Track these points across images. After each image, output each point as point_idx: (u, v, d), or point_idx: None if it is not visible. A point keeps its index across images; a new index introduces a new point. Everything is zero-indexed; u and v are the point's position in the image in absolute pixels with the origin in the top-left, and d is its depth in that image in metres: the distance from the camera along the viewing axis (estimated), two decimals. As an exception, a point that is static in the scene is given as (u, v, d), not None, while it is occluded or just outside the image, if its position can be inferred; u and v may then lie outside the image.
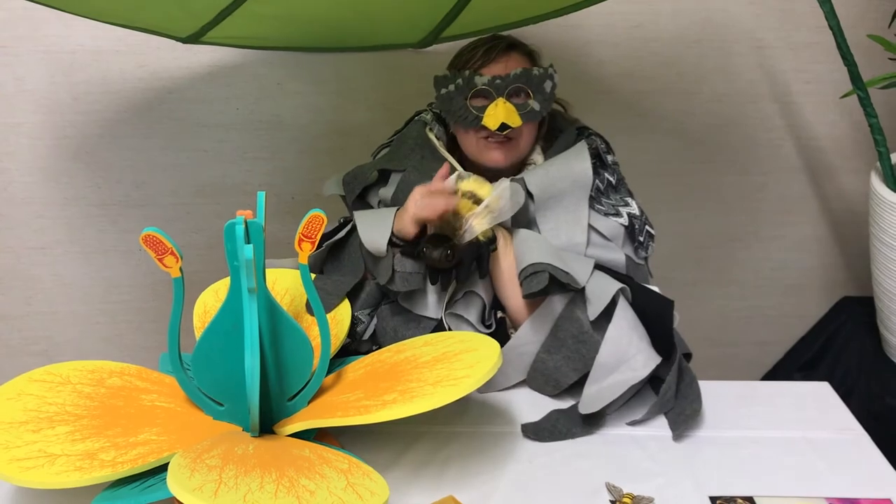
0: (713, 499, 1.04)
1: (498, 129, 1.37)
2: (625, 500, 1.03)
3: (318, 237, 1.06)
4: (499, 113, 1.37)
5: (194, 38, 1.74)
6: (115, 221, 2.18)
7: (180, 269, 1.01)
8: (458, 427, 1.19)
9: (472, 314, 1.34)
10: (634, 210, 1.42)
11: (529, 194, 1.38)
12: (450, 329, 1.33)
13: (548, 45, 2.03)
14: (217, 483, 0.87)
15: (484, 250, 1.31)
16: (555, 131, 1.51)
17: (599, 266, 1.32)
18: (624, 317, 1.24)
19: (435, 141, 1.50)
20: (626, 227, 1.39)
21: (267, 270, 1.08)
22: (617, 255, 1.38)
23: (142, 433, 1.03)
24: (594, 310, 1.25)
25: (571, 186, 1.39)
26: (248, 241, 1.01)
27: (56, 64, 2.01)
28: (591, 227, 1.37)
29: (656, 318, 1.27)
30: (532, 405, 1.25)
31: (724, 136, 2.16)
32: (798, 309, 2.33)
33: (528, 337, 1.29)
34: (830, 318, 2.21)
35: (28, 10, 1.92)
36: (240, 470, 0.91)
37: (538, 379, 1.29)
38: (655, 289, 1.36)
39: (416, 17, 1.75)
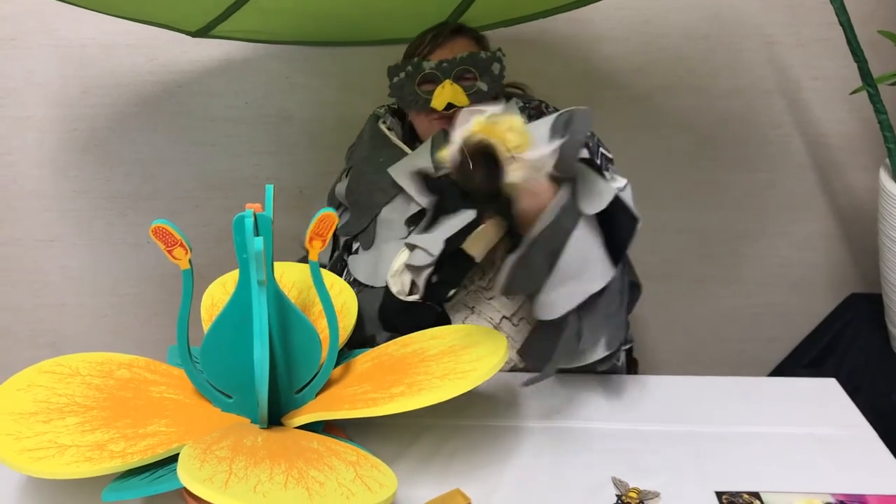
0: (719, 494, 1.04)
1: (444, 109, 1.42)
2: (631, 494, 1.04)
3: (329, 236, 1.06)
4: (445, 94, 1.42)
5: (203, 32, 1.75)
6: (124, 214, 2.19)
7: (189, 262, 1.02)
8: (464, 420, 1.19)
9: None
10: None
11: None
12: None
13: (556, 40, 2.04)
14: (227, 474, 0.88)
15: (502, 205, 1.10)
16: None
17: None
18: (590, 221, 1.16)
19: (386, 131, 1.54)
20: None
21: (275, 263, 1.08)
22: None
23: (151, 424, 1.04)
24: (593, 208, 1.16)
25: None
26: (256, 235, 1.01)
27: (66, 58, 2.01)
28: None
29: (622, 230, 1.19)
30: (539, 399, 1.25)
31: (733, 133, 2.15)
32: (805, 306, 2.32)
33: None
34: (838, 315, 2.20)
35: (39, 4, 1.93)
36: (249, 461, 0.92)
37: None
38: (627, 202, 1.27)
39: (425, 12, 1.75)
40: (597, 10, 1.88)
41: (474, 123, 1.02)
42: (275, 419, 1.10)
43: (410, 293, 1.33)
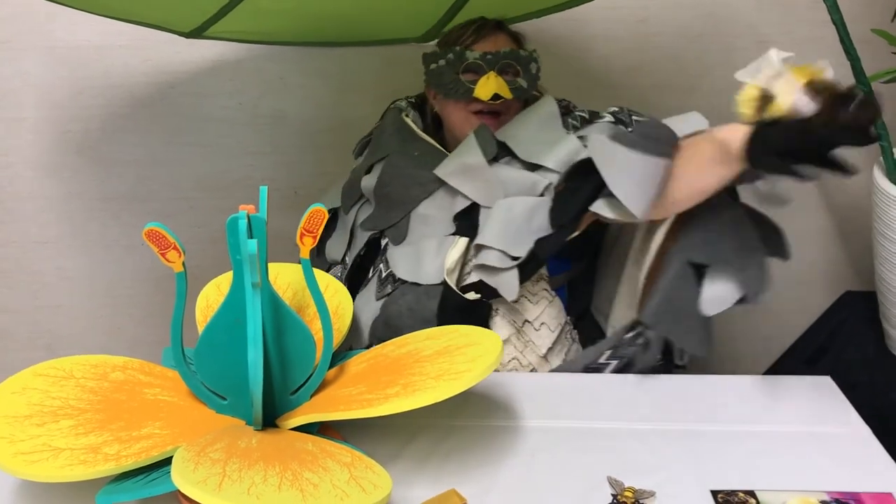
0: (714, 493, 1.04)
1: (491, 99, 1.42)
2: (626, 493, 1.04)
3: (320, 232, 1.06)
4: (491, 84, 1.42)
5: (197, 33, 1.74)
6: (118, 216, 2.19)
7: (183, 264, 1.02)
8: (460, 420, 1.19)
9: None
10: (612, 108, 1.47)
11: (506, 148, 1.42)
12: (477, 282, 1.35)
13: (551, 40, 2.03)
14: (221, 476, 0.88)
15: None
16: None
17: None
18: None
19: (411, 124, 1.53)
20: (613, 122, 1.43)
21: (269, 265, 1.08)
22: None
23: (145, 427, 1.04)
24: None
25: (538, 121, 1.45)
26: (250, 236, 1.01)
27: (60, 59, 2.01)
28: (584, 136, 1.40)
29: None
30: (534, 400, 1.25)
31: (727, 131, 2.15)
32: (800, 304, 2.32)
33: None
34: (833, 313, 2.20)
35: (33, 5, 1.93)
36: (243, 463, 0.92)
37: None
38: None
39: (420, 11, 1.76)
40: (591, 10, 1.88)
41: (793, 70, 1.03)
42: (269, 421, 1.10)
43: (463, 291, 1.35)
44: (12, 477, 1.03)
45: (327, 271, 1.56)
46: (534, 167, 1.40)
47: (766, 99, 1.07)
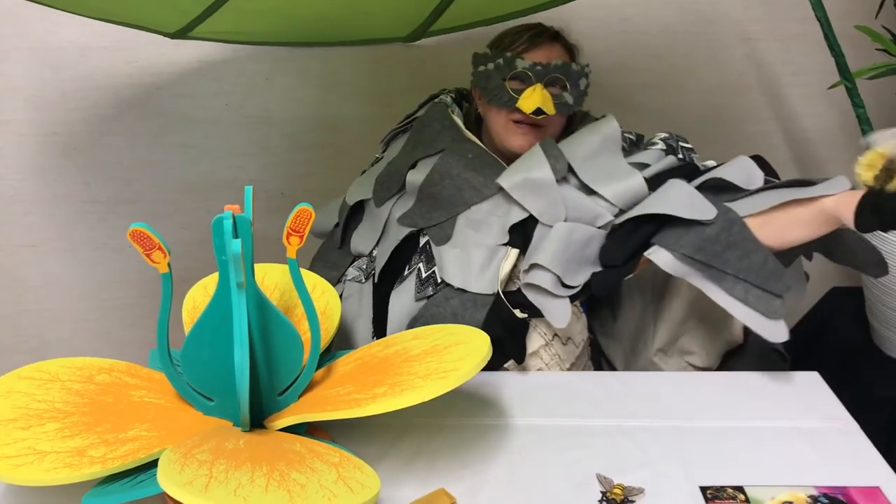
0: (703, 489, 1.04)
1: (533, 113, 1.39)
2: (615, 490, 1.04)
3: (307, 231, 1.05)
4: (535, 97, 1.39)
5: (182, 34, 1.74)
6: (105, 218, 2.18)
7: (168, 265, 1.01)
8: (448, 419, 1.19)
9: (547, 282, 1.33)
10: (662, 134, 1.46)
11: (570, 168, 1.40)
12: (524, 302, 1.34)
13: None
14: (207, 478, 0.87)
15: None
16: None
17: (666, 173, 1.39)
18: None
19: (459, 122, 1.51)
20: (664, 150, 1.42)
21: (256, 265, 1.08)
22: (671, 159, 1.42)
23: (132, 429, 1.03)
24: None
25: (602, 143, 1.42)
26: (236, 236, 1.00)
27: (43, 61, 2.00)
28: (640, 163, 1.40)
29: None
30: (522, 398, 1.25)
31: (713, 129, 2.16)
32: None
33: None
34: (820, 309, 2.21)
35: (15, 6, 1.91)
36: (230, 464, 0.91)
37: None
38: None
39: (405, 12, 1.75)
40: (575, 9, 1.88)
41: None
42: (257, 422, 1.09)
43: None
44: (-3, 481, 1.02)
45: (351, 264, 1.54)
46: (591, 191, 1.38)
47: (889, 170, 1.12)
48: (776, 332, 1.24)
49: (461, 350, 1.10)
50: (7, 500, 1.03)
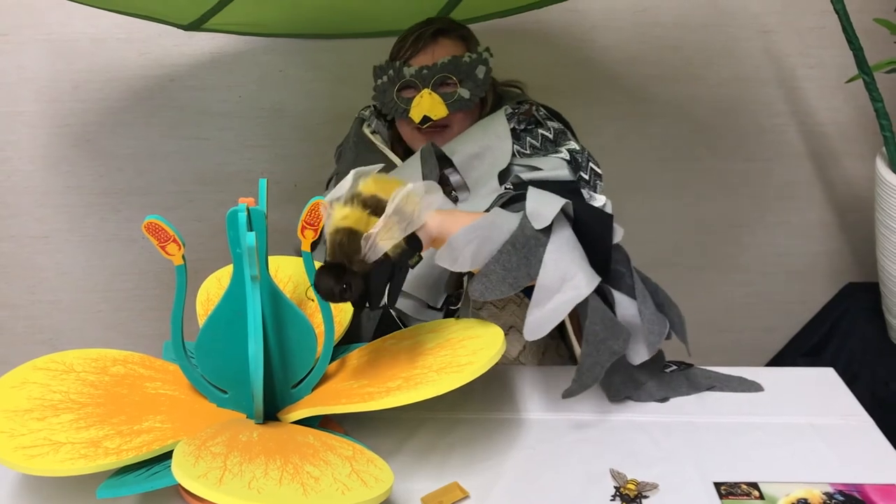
0: (717, 484, 1.03)
1: (420, 123, 1.38)
2: (629, 486, 1.03)
3: (321, 225, 1.05)
4: (423, 105, 1.38)
5: (196, 25, 1.74)
6: (117, 210, 2.18)
7: (183, 257, 1.01)
8: (462, 413, 1.19)
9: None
10: (575, 146, 1.38)
11: (447, 160, 1.35)
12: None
13: (551, 30, 2.03)
14: (222, 470, 0.87)
15: (398, 269, 1.06)
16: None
17: (543, 183, 1.26)
18: (562, 235, 1.14)
19: (370, 136, 1.50)
20: (567, 160, 1.35)
21: (270, 258, 1.08)
22: (563, 172, 1.32)
23: (146, 421, 1.03)
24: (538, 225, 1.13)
25: (489, 168, 1.35)
26: (250, 229, 1.00)
27: (57, 52, 2.00)
28: (531, 167, 1.33)
29: (597, 235, 1.18)
30: (536, 392, 1.25)
31: (729, 122, 2.15)
32: (802, 295, 2.32)
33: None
34: (835, 304, 2.20)
35: (29, -2, 1.92)
36: (244, 457, 0.91)
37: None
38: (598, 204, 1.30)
39: (420, 3, 1.74)
40: (592, 0, 1.88)
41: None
42: (270, 414, 1.10)
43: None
44: (13, 471, 1.02)
45: None
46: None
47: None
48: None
49: (475, 343, 1.09)
50: (23, 490, 1.04)
